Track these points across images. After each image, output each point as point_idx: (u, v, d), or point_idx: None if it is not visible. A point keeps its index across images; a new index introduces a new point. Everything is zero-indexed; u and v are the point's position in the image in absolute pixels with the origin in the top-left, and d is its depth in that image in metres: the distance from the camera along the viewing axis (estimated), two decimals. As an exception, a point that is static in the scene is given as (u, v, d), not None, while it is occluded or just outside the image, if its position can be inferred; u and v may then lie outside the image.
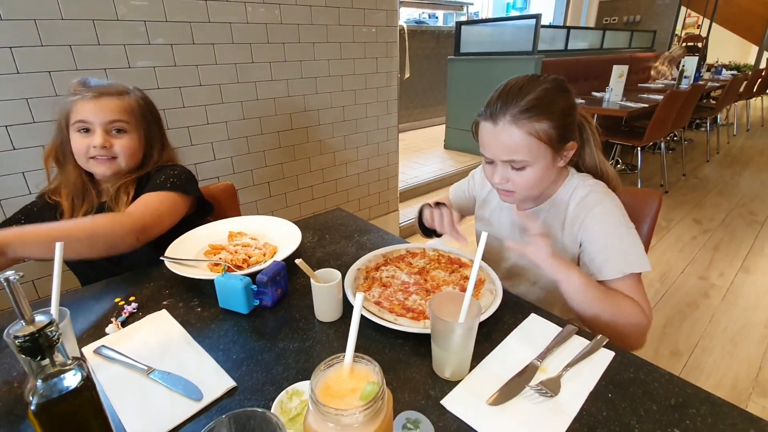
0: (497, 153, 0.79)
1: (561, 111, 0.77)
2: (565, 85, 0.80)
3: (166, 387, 0.58)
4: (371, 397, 0.39)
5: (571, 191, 0.85)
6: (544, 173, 0.80)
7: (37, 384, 0.36)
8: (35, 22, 1.34)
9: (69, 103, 0.93)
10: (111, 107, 0.94)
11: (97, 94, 0.93)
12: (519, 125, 0.75)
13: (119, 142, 0.95)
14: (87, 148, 0.93)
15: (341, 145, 2.29)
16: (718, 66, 5.94)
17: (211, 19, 1.67)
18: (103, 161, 0.95)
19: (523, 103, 0.75)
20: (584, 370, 0.60)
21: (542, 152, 0.77)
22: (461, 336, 0.57)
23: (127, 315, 0.74)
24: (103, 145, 0.93)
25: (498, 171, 0.81)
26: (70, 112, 0.93)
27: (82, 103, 0.92)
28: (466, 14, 6.00)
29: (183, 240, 0.93)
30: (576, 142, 0.82)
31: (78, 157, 0.95)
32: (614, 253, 0.78)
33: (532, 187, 0.81)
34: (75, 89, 0.94)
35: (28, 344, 0.35)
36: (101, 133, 0.93)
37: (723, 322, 1.91)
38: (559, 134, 0.77)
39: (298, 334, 0.70)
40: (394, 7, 2.27)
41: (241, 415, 0.35)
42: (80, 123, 0.92)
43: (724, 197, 3.39)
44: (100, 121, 0.93)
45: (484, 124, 0.80)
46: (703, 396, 0.56)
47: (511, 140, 0.76)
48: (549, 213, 0.88)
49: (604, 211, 0.81)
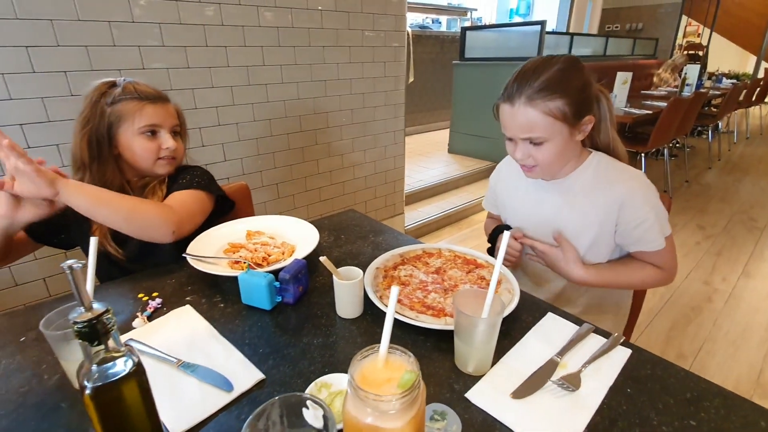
0: (516, 132, 0.83)
1: (575, 88, 0.80)
2: (579, 63, 0.83)
3: (196, 379, 0.59)
4: (409, 386, 0.40)
5: (590, 165, 0.89)
6: (563, 147, 0.83)
7: (92, 368, 0.38)
8: (51, 22, 1.36)
9: (131, 106, 0.92)
10: (171, 111, 0.99)
11: (158, 98, 0.96)
12: (534, 105, 0.79)
13: (178, 143, 0.99)
14: (158, 150, 0.95)
15: (349, 148, 2.32)
16: (719, 74, 5.99)
17: (224, 23, 1.70)
18: (169, 162, 0.98)
19: (537, 83, 0.78)
20: (603, 366, 0.62)
21: (558, 129, 0.80)
22: (484, 331, 0.59)
23: (152, 310, 0.76)
24: (175, 146, 0.97)
25: (519, 148, 0.85)
26: (132, 115, 0.92)
27: (151, 107, 0.94)
28: (469, 20, 6.05)
29: (203, 238, 0.94)
30: (593, 115, 0.85)
31: (144, 158, 0.96)
32: (652, 226, 0.84)
33: (553, 161, 0.85)
34: (134, 92, 0.93)
35: (86, 330, 0.36)
36: (170, 136, 0.96)
37: (725, 325, 1.93)
38: (574, 110, 0.80)
39: (320, 330, 0.71)
40: (402, 12, 2.30)
41: (291, 398, 0.37)
42: (149, 127, 0.94)
43: (726, 203, 3.41)
44: (168, 125, 0.96)
45: (503, 105, 0.84)
46: (715, 390, 0.58)
47: (527, 119, 0.80)
48: (571, 182, 0.90)
49: (638, 185, 0.85)
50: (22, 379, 0.61)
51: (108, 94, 0.93)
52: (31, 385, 0.60)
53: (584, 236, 0.89)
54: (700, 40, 6.85)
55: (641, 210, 0.84)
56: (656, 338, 1.84)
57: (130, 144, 0.95)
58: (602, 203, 0.87)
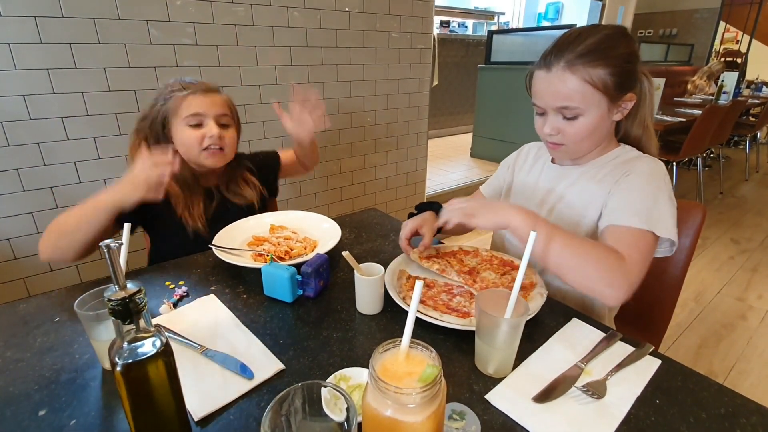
0: (549, 101, 0.76)
1: (620, 57, 0.72)
2: (628, 33, 0.76)
3: (219, 365, 0.60)
4: (431, 380, 0.40)
5: (615, 156, 0.82)
6: (597, 124, 0.75)
7: (123, 346, 0.39)
8: (94, 21, 1.43)
9: (177, 99, 0.96)
10: (218, 101, 1.00)
11: (206, 89, 0.99)
12: (573, 70, 0.71)
13: (227, 135, 1.01)
14: (201, 139, 0.97)
15: (371, 149, 2.33)
16: (759, 83, 5.73)
17: (255, 23, 1.74)
18: (215, 152, 0.99)
19: (580, 48, 0.71)
20: (630, 375, 0.60)
21: (596, 101, 0.73)
22: (506, 332, 0.58)
23: (177, 297, 0.78)
24: (219, 135, 0.98)
25: (549, 121, 0.77)
26: (178, 107, 0.96)
27: (193, 98, 0.96)
28: (496, 24, 5.99)
29: (228, 230, 0.96)
30: (635, 94, 0.76)
31: (190, 148, 0.98)
32: (631, 202, 0.73)
33: (583, 139, 0.77)
34: (181, 86, 0.98)
35: (119, 308, 0.38)
36: (215, 125, 0.98)
37: (761, 345, 1.83)
38: (617, 82, 0.72)
39: (340, 324, 0.72)
40: (429, 14, 2.30)
41: (313, 385, 0.37)
42: (193, 116, 0.96)
43: (764, 217, 3.25)
44: (213, 114, 0.98)
45: (538, 72, 0.76)
46: (753, 407, 0.55)
47: (564, 86, 0.73)
48: (586, 170, 0.84)
49: (646, 170, 0.77)
50: (54, 357, 0.63)
51: (162, 93, 0.99)
52: (63, 362, 0.62)
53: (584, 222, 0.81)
54: (738, 47, 6.57)
55: (638, 180, 0.75)
56: (684, 354, 1.77)
57: (179, 136, 0.98)
58: (609, 182, 0.78)
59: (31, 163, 1.43)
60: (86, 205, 0.82)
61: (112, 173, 1.58)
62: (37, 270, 1.53)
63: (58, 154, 1.47)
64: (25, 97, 1.37)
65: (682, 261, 1.01)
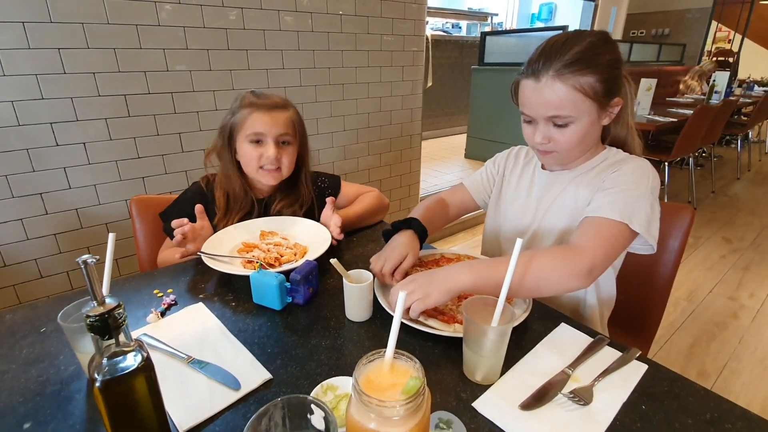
0: (539, 110, 0.76)
1: (607, 64, 0.74)
2: (611, 39, 0.77)
3: (205, 376, 0.60)
4: (413, 392, 0.40)
5: (602, 159, 0.84)
6: (587, 130, 0.77)
7: (102, 362, 0.39)
8: (83, 26, 1.42)
9: (243, 114, 0.98)
10: (281, 120, 0.99)
11: (271, 106, 0.99)
12: (563, 80, 0.72)
13: (285, 154, 1.01)
14: (259, 158, 0.98)
15: (365, 151, 2.33)
16: (750, 82, 5.78)
17: (246, 27, 1.74)
18: (270, 171, 1.00)
19: (568, 56, 0.72)
20: (616, 380, 0.60)
21: (587, 108, 0.74)
22: (493, 340, 0.58)
23: (165, 306, 0.77)
24: (276, 156, 0.98)
25: (539, 130, 0.78)
26: (242, 123, 0.98)
27: (258, 116, 0.97)
28: (490, 25, 6.01)
29: (218, 237, 0.96)
30: (622, 98, 0.78)
31: (248, 165, 1.01)
32: (611, 196, 0.74)
33: (574, 146, 0.78)
34: (250, 101, 0.98)
35: (97, 323, 0.37)
36: (273, 145, 0.98)
37: (753, 343, 1.85)
38: (606, 88, 0.74)
39: (329, 332, 0.71)
40: (422, 17, 2.30)
41: (294, 400, 0.37)
42: (254, 134, 0.97)
43: (755, 216, 3.28)
44: (273, 134, 0.98)
45: (526, 82, 0.77)
46: (738, 412, 0.56)
47: (555, 96, 0.73)
48: (575, 175, 0.86)
49: (632, 169, 0.77)
50: (40, 369, 0.63)
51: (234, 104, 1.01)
52: (49, 374, 0.62)
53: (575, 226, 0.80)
54: (730, 47, 6.63)
55: (622, 178, 0.75)
56: (677, 354, 1.78)
57: (241, 150, 1.01)
58: (597, 183, 0.79)
59: (20, 170, 1.42)
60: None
61: (102, 179, 1.57)
62: (27, 277, 1.52)
63: (48, 160, 1.46)
64: (13, 103, 1.36)
65: (671, 262, 1.02)
